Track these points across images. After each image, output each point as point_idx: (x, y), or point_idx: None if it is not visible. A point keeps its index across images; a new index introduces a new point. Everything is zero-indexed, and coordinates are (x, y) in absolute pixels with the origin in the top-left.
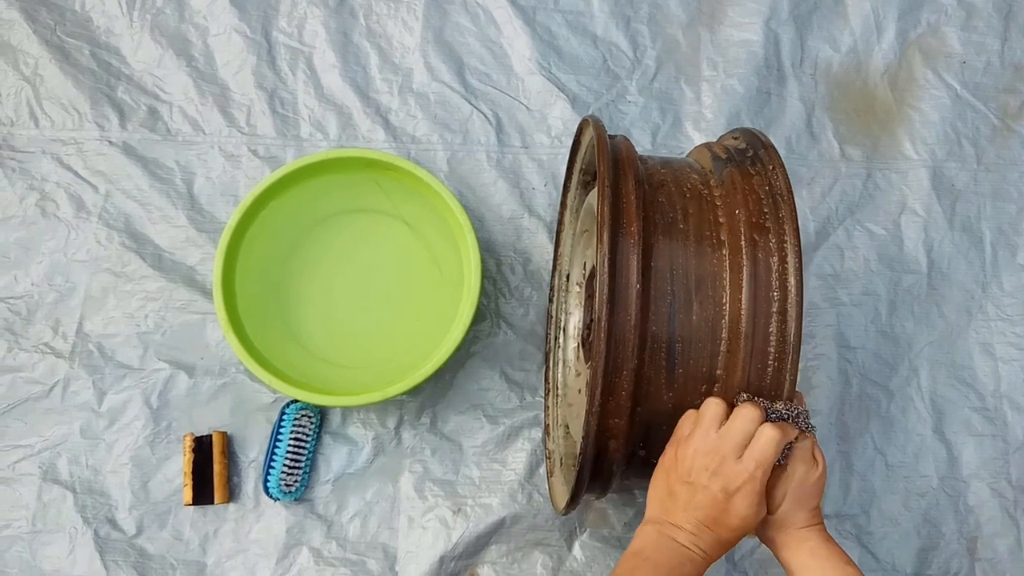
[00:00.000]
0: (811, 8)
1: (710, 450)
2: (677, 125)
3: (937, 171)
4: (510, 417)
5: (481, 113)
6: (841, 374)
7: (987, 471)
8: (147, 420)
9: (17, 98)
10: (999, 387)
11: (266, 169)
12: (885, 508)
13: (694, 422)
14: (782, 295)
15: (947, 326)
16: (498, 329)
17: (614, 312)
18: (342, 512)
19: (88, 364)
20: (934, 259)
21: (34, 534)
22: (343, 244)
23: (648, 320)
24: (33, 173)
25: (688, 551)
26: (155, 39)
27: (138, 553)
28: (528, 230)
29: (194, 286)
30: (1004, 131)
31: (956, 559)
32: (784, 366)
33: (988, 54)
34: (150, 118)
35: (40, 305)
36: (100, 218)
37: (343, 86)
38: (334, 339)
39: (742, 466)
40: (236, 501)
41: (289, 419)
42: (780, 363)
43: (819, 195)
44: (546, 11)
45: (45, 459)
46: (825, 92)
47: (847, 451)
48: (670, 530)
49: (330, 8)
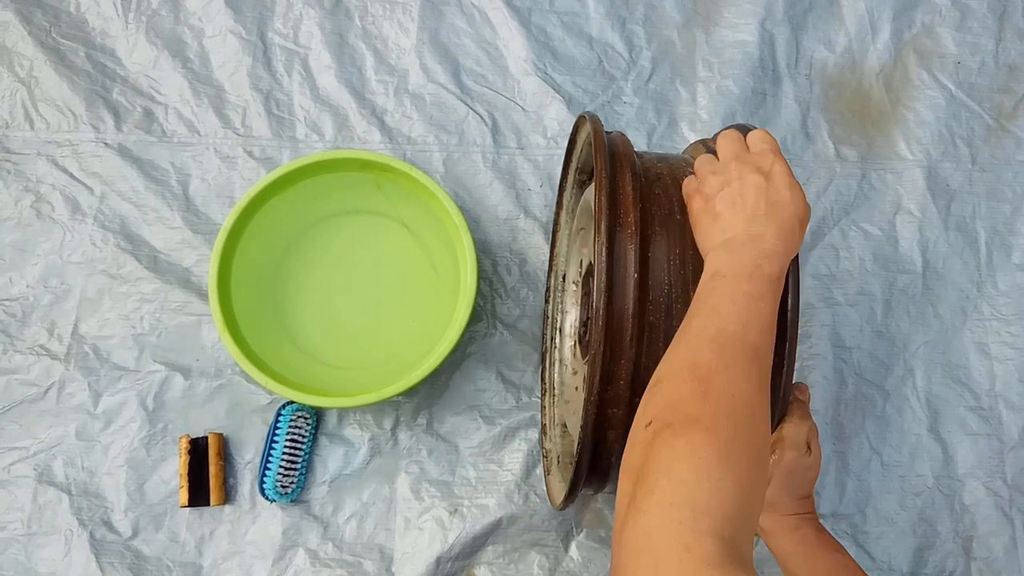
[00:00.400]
0: (806, 9)
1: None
2: (673, 126)
3: (932, 171)
4: (506, 418)
5: (477, 114)
6: (837, 374)
7: (982, 470)
8: (143, 422)
9: (12, 100)
10: (994, 386)
11: (262, 170)
12: (881, 507)
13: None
14: None
15: (942, 326)
16: (494, 330)
17: (612, 302)
18: (338, 513)
19: (83, 366)
20: (929, 259)
21: (29, 536)
22: (339, 245)
23: (646, 310)
24: (28, 175)
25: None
26: (150, 41)
27: (134, 555)
28: (524, 231)
29: (190, 288)
30: (999, 131)
31: (952, 558)
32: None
33: (983, 54)
34: (145, 120)
35: (35, 307)
36: (95, 220)
37: (339, 87)
38: (330, 340)
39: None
40: (232, 503)
41: (285, 420)
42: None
43: (814, 195)
44: (541, 12)
45: (40, 461)
46: (820, 93)
47: (843, 451)
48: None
49: (326, 9)
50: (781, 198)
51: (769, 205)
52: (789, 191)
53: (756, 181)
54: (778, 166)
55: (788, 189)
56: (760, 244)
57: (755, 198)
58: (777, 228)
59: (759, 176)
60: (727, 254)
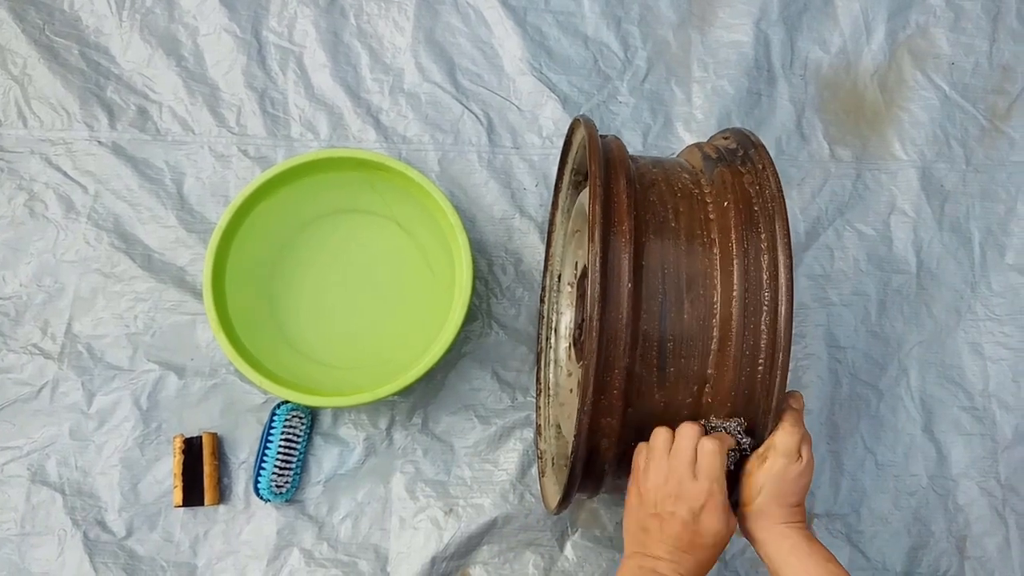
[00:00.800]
0: (801, 9)
1: (667, 477)
2: (668, 126)
3: (926, 172)
4: (502, 417)
5: (472, 113)
6: (831, 374)
7: (976, 470)
8: (137, 421)
9: (5, 98)
10: (988, 386)
11: (256, 169)
12: (875, 507)
13: (646, 456)
14: (772, 294)
15: (936, 326)
16: (489, 329)
17: (606, 310)
18: (333, 513)
19: (77, 365)
20: (923, 259)
21: (23, 536)
22: (334, 244)
23: (640, 318)
24: (22, 173)
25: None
26: (144, 39)
27: (128, 555)
28: (519, 230)
29: (184, 287)
30: (992, 132)
31: (946, 557)
32: (775, 365)
33: (977, 55)
34: (139, 118)
35: (29, 306)
36: (89, 218)
37: (334, 86)
38: (325, 339)
39: (699, 486)
40: (226, 502)
41: (280, 420)
42: (771, 362)
43: (809, 195)
44: (537, 12)
45: (34, 461)
46: (815, 93)
47: (837, 451)
48: (650, 562)
49: (320, 8)
50: (705, 540)
51: (692, 546)
52: (716, 527)
53: (684, 519)
54: (710, 501)
55: (716, 524)
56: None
57: (681, 536)
58: (694, 563)
59: (690, 516)
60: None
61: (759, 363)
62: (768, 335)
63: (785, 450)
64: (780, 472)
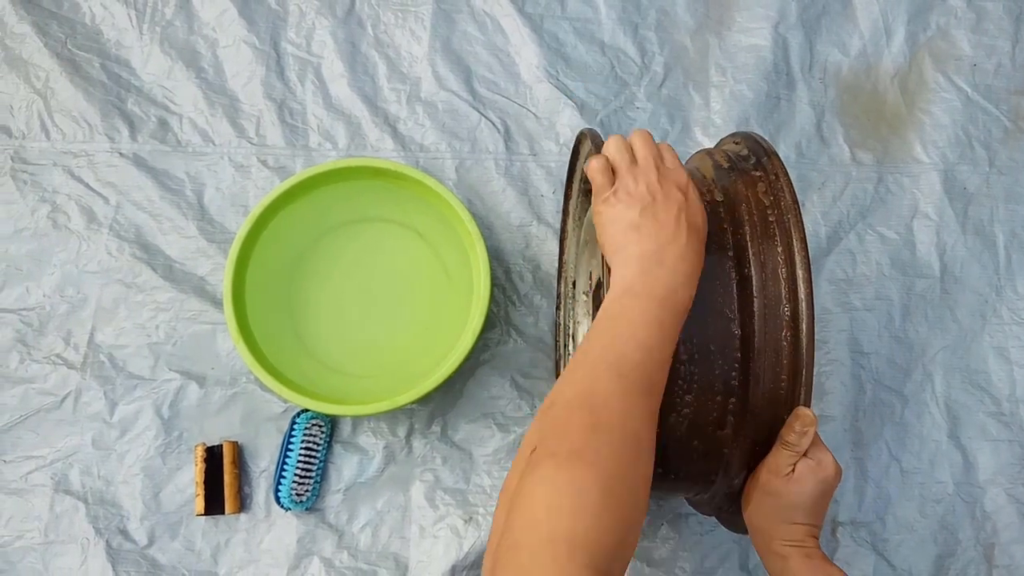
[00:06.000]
0: (820, 12)
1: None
2: (686, 131)
3: (949, 174)
4: (521, 425)
5: (489, 121)
6: (855, 380)
7: (1004, 476)
8: (158, 430)
9: (28, 111)
10: (1014, 391)
11: (275, 179)
12: (901, 515)
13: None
14: (793, 305)
15: (961, 330)
16: (508, 337)
17: None
18: (353, 522)
19: (99, 375)
20: (947, 263)
21: (46, 545)
22: (352, 253)
23: None
24: (44, 185)
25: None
26: (164, 51)
27: (150, 564)
28: (537, 237)
29: (205, 296)
30: (1016, 133)
31: (973, 566)
32: (799, 375)
33: (999, 56)
34: (160, 129)
35: (52, 316)
36: (111, 229)
37: (351, 96)
38: (344, 348)
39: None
40: (247, 511)
41: (300, 428)
42: (794, 372)
43: (830, 199)
44: (553, 19)
45: (57, 470)
46: (835, 96)
47: (861, 457)
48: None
49: (338, 18)
50: (697, 221)
51: (689, 228)
52: (701, 216)
53: (679, 200)
54: (692, 187)
55: (700, 214)
56: (678, 268)
57: (676, 217)
58: (695, 254)
59: (680, 195)
60: (641, 273)
61: (782, 374)
62: (790, 345)
63: (771, 465)
64: (764, 486)
